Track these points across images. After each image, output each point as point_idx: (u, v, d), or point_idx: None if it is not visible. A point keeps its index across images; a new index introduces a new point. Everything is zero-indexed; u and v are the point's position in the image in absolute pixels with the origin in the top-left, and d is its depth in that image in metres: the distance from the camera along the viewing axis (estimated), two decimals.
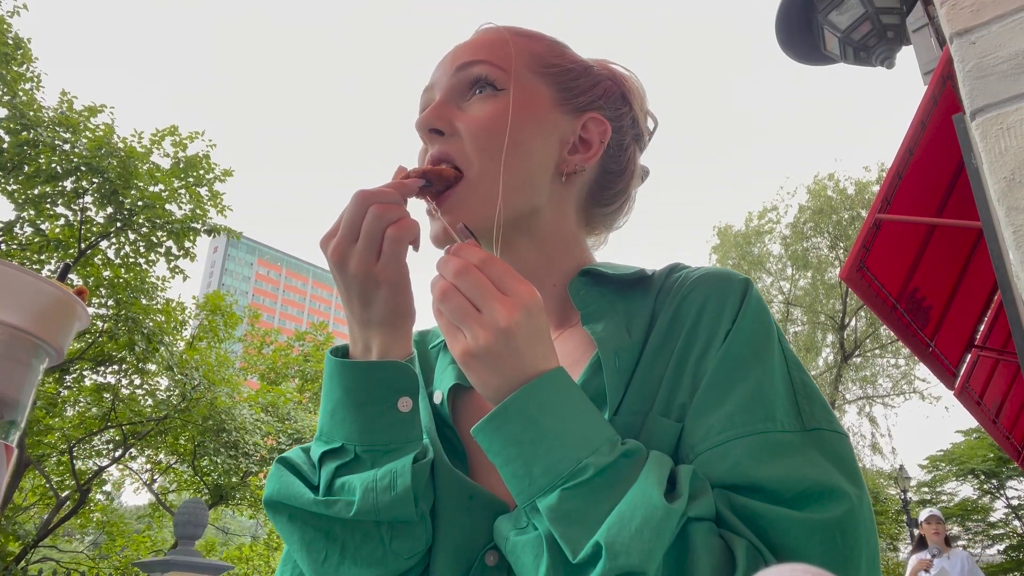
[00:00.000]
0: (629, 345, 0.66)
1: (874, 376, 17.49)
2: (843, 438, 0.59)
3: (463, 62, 0.74)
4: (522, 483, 0.54)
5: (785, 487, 0.54)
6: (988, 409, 3.37)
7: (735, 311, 0.64)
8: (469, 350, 0.55)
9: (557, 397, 0.55)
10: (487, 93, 0.72)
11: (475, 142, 0.70)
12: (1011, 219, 0.86)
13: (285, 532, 0.64)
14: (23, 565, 10.40)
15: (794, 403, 0.60)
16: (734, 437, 0.57)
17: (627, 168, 0.81)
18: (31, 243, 9.40)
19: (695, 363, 0.63)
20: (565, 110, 0.75)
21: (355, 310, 0.64)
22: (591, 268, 0.75)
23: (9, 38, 8.77)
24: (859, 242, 2.36)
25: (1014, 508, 17.60)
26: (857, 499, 0.54)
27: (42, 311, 0.47)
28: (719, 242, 17.96)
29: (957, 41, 0.95)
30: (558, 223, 0.76)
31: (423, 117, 0.72)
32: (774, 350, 0.63)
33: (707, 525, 0.52)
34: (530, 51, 0.76)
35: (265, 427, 12.38)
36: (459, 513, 0.64)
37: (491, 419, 0.56)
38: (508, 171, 0.69)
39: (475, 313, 0.55)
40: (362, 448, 0.62)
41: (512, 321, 0.54)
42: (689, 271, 0.72)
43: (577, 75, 0.77)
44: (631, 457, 0.55)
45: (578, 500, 0.52)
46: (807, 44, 2.97)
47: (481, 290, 0.55)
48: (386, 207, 0.61)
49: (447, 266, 0.58)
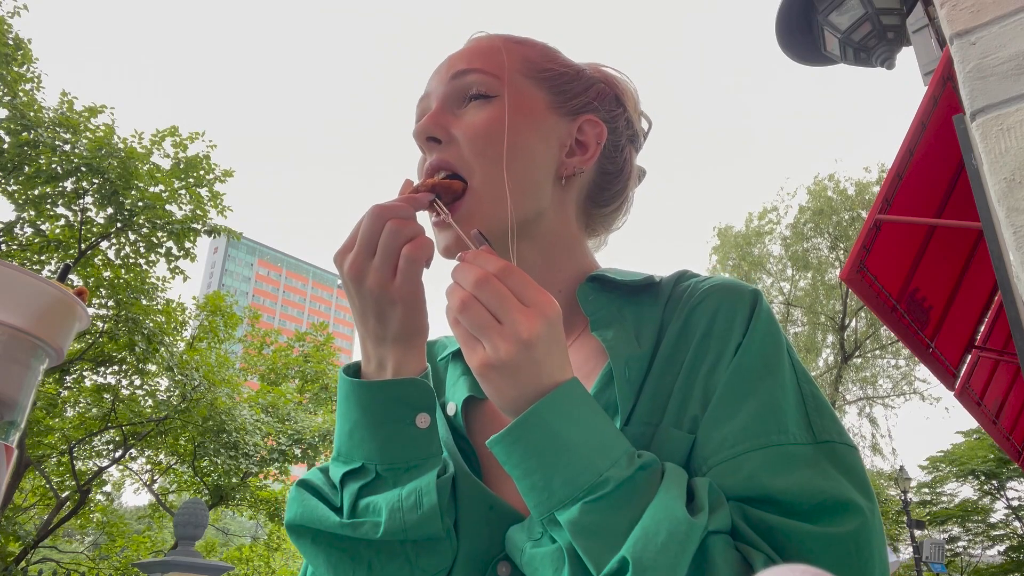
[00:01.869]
0: (639, 355, 0.66)
1: (874, 377, 17.49)
2: (853, 451, 0.60)
3: (458, 70, 0.74)
4: (541, 496, 0.54)
5: (800, 499, 0.54)
6: (988, 410, 3.37)
7: (745, 324, 0.64)
8: (488, 361, 0.54)
9: (576, 408, 0.55)
10: (483, 100, 0.72)
11: (473, 148, 0.70)
12: (1011, 220, 0.86)
13: (310, 554, 0.63)
14: (23, 566, 10.41)
15: (804, 415, 0.60)
16: (748, 450, 0.57)
17: (624, 168, 0.82)
18: (31, 243, 9.41)
19: (706, 375, 0.63)
20: (560, 113, 0.76)
21: (370, 327, 0.64)
22: (599, 274, 0.75)
23: (9, 39, 8.78)
24: (859, 243, 2.36)
25: (1014, 509, 17.60)
26: (870, 512, 0.54)
27: (42, 311, 0.47)
28: (719, 243, 17.96)
29: (957, 42, 0.95)
30: (560, 226, 0.76)
31: (420, 126, 0.73)
32: (784, 362, 0.63)
33: (725, 538, 0.52)
34: (523, 57, 0.76)
35: (265, 428, 12.38)
36: (479, 524, 0.64)
37: (510, 431, 0.55)
38: (511, 176, 0.69)
39: (496, 324, 0.54)
40: (383, 467, 0.62)
41: (533, 333, 0.54)
42: (698, 280, 0.72)
43: (571, 79, 0.78)
44: (648, 470, 0.54)
45: (600, 513, 0.52)
46: (807, 45, 2.97)
47: (501, 301, 0.54)
48: (403, 223, 0.60)
49: (465, 275, 0.56)
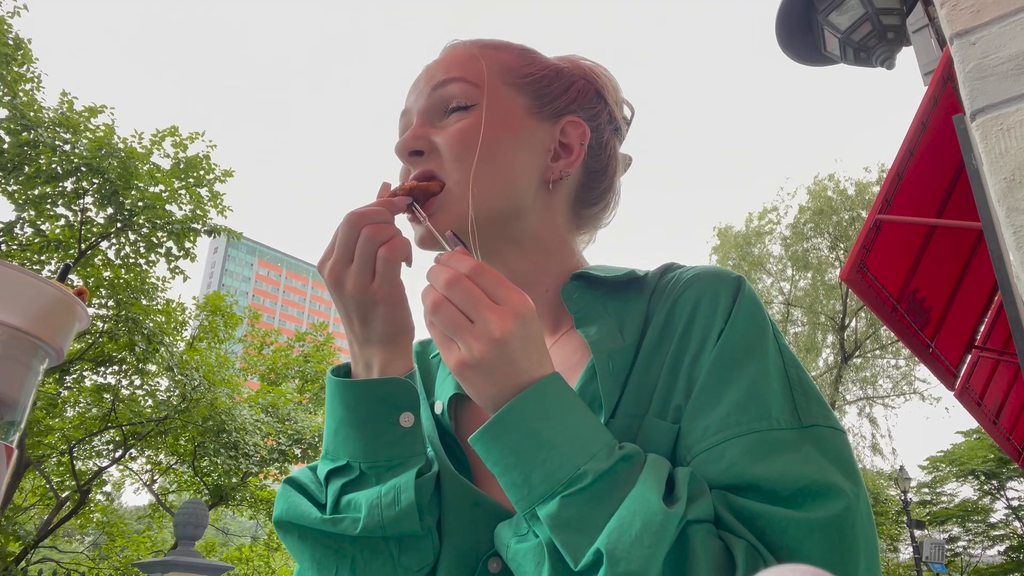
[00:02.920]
0: (623, 347, 0.66)
1: (874, 377, 17.47)
2: (840, 434, 0.59)
3: (437, 81, 0.74)
4: (521, 491, 0.54)
5: (782, 486, 0.54)
6: (988, 410, 3.37)
7: (728, 310, 0.64)
8: (463, 361, 0.55)
9: (553, 403, 0.55)
10: (462, 112, 0.73)
11: (451, 153, 0.71)
12: (1011, 220, 0.86)
13: (296, 551, 0.65)
14: (23, 566, 10.41)
15: (790, 400, 0.59)
16: (730, 437, 0.57)
17: (609, 164, 0.82)
18: (31, 243, 9.41)
19: (689, 364, 0.63)
20: (541, 117, 0.76)
21: (355, 329, 0.65)
22: (583, 272, 0.75)
23: (9, 39, 8.77)
24: (859, 243, 2.36)
25: (1014, 509, 17.61)
26: (854, 496, 0.54)
27: (42, 311, 0.48)
28: (719, 243, 17.96)
29: (957, 42, 0.95)
30: (546, 230, 0.76)
31: (401, 142, 0.73)
32: (768, 347, 0.62)
33: (706, 527, 0.52)
34: (500, 63, 0.76)
35: (265, 428, 12.37)
36: (464, 521, 0.64)
37: (488, 428, 0.55)
38: (486, 180, 0.70)
39: (468, 324, 0.55)
40: (367, 465, 0.63)
41: (505, 330, 0.54)
42: (682, 271, 0.72)
43: (549, 81, 0.78)
44: (629, 461, 0.54)
45: (578, 507, 0.52)
46: (807, 45, 2.97)
47: (473, 300, 0.55)
48: (377, 227, 0.62)
49: (437, 276, 0.57)
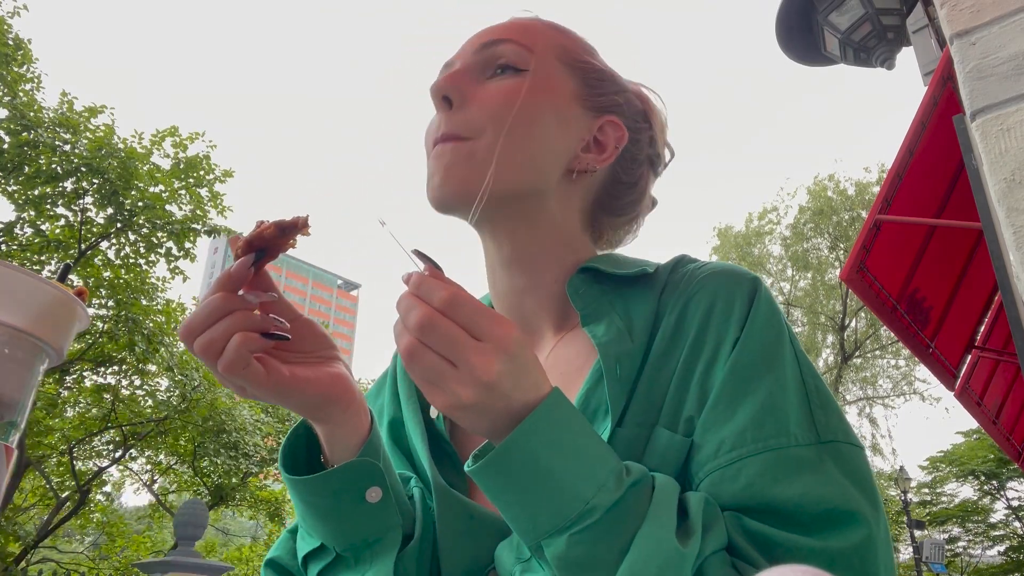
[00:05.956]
0: (631, 351, 0.63)
1: (874, 377, 17.48)
2: (860, 451, 0.57)
3: (489, 39, 0.72)
4: (525, 527, 0.50)
5: (802, 510, 0.51)
6: (988, 410, 3.37)
7: (744, 316, 0.60)
8: (451, 405, 0.49)
9: (554, 430, 0.50)
10: (511, 72, 0.70)
11: (489, 110, 0.67)
12: (1011, 220, 0.86)
13: None
14: (23, 566, 10.41)
15: (808, 413, 0.56)
16: (746, 455, 0.54)
17: (639, 183, 0.79)
18: (31, 244, 9.40)
19: (703, 373, 0.59)
20: (585, 106, 0.73)
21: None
22: (591, 265, 0.71)
23: (9, 39, 8.77)
24: (859, 243, 2.36)
25: (1014, 509, 17.59)
26: (875, 522, 0.52)
27: (42, 312, 0.47)
28: (719, 243, 17.95)
29: (957, 42, 0.95)
30: (561, 218, 0.73)
31: (438, 82, 0.70)
32: (785, 356, 0.59)
33: (720, 557, 0.50)
34: (559, 42, 0.74)
35: (265, 428, 12.38)
36: (461, 535, 0.62)
37: (486, 464, 0.50)
38: (516, 147, 0.67)
39: (451, 370, 0.48)
40: (341, 548, 0.61)
41: (494, 372, 0.48)
42: (696, 266, 0.68)
43: (603, 76, 0.75)
44: (638, 487, 0.51)
45: (587, 544, 0.49)
46: (807, 45, 2.97)
47: (452, 343, 0.48)
48: (205, 344, 0.53)
49: (409, 316, 0.49)
